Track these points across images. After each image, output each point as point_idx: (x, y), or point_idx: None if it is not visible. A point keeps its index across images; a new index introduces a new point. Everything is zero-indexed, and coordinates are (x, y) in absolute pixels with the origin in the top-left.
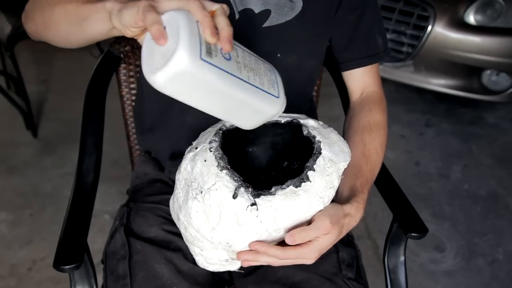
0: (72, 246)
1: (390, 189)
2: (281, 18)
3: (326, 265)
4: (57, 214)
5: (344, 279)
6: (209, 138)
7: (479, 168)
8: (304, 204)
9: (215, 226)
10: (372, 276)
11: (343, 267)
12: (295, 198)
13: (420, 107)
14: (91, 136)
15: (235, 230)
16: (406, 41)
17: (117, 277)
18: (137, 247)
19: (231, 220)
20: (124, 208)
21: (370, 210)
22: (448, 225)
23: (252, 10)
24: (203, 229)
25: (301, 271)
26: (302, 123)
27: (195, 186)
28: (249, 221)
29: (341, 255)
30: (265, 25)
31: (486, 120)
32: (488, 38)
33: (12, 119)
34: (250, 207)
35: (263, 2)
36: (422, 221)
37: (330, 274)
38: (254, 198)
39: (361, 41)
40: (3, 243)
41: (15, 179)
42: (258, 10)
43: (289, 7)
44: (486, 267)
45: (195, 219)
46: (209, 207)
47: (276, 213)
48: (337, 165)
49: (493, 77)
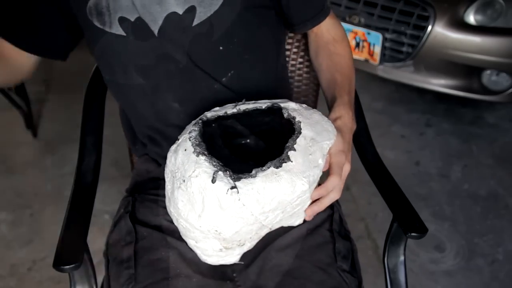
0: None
1: (390, 189)
2: (208, 10)
3: (322, 254)
4: (57, 214)
5: (338, 270)
6: (190, 129)
7: (479, 168)
8: (287, 185)
9: (201, 214)
10: (372, 276)
11: (338, 258)
12: (277, 179)
13: (420, 107)
14: (91, 136)
15: (220, 215)
16: (406, 41)
17: (121, 261)
18: (143, 233)
19: (214, 205)
20: (129, 198)
21: (370, 210)
22: (448, 225)
23: (176, 12)
24: (190, 218)
25: (296, 259)
26: (282, 107)
27: (178, 176)
28: (231, 205)
29: (337, 246)
30: (195, 23)
31: (486, 120)
32: (488, 38)
33: (12, 119)
34: (230, 191)
35: (183, 0)
36: (422, 221)
37: (324, 264)
38: (234, 181)
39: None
40: (3, 243)
41: (15, 179)
42: (182, 10)
43: None
44: (486, 267)
45: (182, 209)
46: (192, 195)
47: (259, 196)
48: (320, 143)
49: (493, 77)
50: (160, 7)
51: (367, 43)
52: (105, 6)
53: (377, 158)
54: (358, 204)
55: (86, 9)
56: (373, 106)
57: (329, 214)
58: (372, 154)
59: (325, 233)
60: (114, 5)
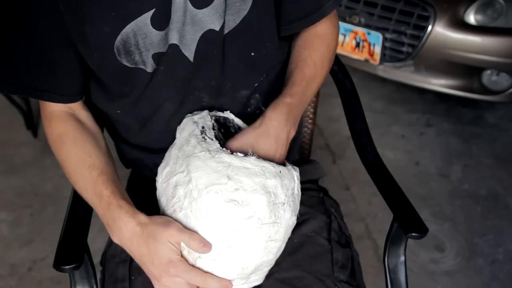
0: (72, 246)
1: (390, 189)
2: (237, 17)
3: (320, 265)
4: (57, 214)
5: (335, 281)
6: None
7: (479, 168)
8: None
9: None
10: (372, 276)
11: (335, 268)
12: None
13: (420, 107)
14: None
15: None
16: (406, 41)
17: (116, 279)
18: None
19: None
20: None
21: (370, 210)
22: (448, 225)
23: (213, 29)
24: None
25: (295, 268)
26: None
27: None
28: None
29: (335, 256)
30: (226, 31)
31: (486, 120)
32: (488, 38)
33: (12, 119)
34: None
35: (217, 14)
36: (422, 221)
37: (322, 275)
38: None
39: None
40: (3, 243)
41: (15, 179)
42: (219, 25)
43: (240, 1)
44: (486, 267)
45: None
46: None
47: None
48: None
49: (493, 77)
50: (193, 28)
51: (367, 43)
52: (133, 44)
53: (377, 158)
54: (358, 204)
55: (114, 50)
56: (373, 106)
57: (326, 222)
58: (372, 154)
59: (323, 243)
60: (144, 43)
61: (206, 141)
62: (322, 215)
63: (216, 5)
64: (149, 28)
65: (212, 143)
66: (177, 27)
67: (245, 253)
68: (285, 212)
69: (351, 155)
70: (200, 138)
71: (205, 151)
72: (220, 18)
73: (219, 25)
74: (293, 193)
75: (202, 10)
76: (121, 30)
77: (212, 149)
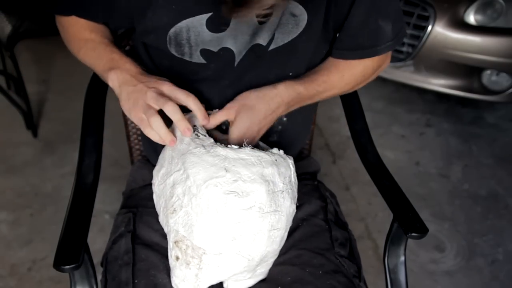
0: (72, 246)
1: (390, 189)
2: (286, 37)
3: (319, 241)
4: (57, 214)
5: (336, 255)
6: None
7: (479, 168)
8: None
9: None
10: (372, 276)
11: (335, 244)
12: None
13: (420, 107)
14: (91, 136)
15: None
16: (406, 41)
17: (119, 282)
18: (141, 255)
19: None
20: (129, 214)
21: (370, 210)
22: (448, 225)
23: (260, 44)
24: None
25: (293, 248)
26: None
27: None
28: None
29: (334, 233)
30: (272, 47)
31: (486, 120)
32: (488, 38)
33: (12, 119)
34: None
35: (269, 31)
36: (422, 221)
37: (322, 250)
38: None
39: (355, 30)
40: (3, 243)
41: (15, 179)
42: (266, 42)
43: (293, 23)
44: (486, 267)
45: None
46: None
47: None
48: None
49: (493, 77)
50: (250, 39)
51: None
52: (185, 38)
53: (377, 158)
54: (358, 204)
55: (166, 38)
56: (373, 106)
57: (322, 205)
58: (372, 154)
59: (320, 223)
60: (196, 39)
61: (199, 137)
62: (317, 199)
63: (269, 24)
64: (203, 28)
65: (206, 139)
66: (234, 35)
67: (250, 244)
68: (284, 200)
69: (351, 155)
70: (193, 135)
71: (200, 147)
72: (269, 36)
73: (266, 41)
74: (290, 181)
75: (260, 25)
76: (177, 24)
77: (206, 144)
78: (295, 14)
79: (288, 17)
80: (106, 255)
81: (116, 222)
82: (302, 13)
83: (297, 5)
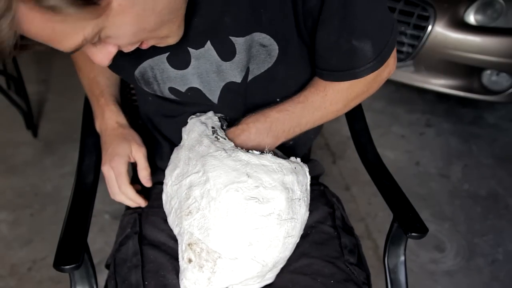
0: (72, 246)
1: (390, 189)
2: (261, 67)
3: (328, 249)
4: (57, 214)
5: (346, 263)
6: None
7: (479, 168)
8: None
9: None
10: (372, 276)
11: (345, 252)
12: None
13: (420, 107)
14: (91, 136)
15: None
16: (406, 41)
17: (130, 285)
18: (150, 256)
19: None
20: (135, 214)
21: (370, 210)
22: (448, 225)
23: (234, 82)
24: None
25: (304, 257)
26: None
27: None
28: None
29: (343, 241)
30: (250, 78)
31: (486, 120)
32: (488, 38)
33: (12, 119)
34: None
35: (238, 69)
36: (422, 221)
37: (332, 258)
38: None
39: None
40: (3, 243)
41: (15, 179)
42: (240, 78)
43: (265, 53)
44: (486, 267)
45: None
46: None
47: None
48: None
49: (493, 77)
50: (218, 77)
51: None
52: (151, 77)
53: (377, 158)
54: (358, 204)
55: (134, 78)
56: (373, 106)
57: (329, 212)
58: (372, 154)
59: (329, 230)
60: (162, 76)
61: (219, 140)
62: (324, 205)
63: (238, 61)
64: (166, 65)
65: (226, 142)
66: (199, 73)
67: (265, 250)
68: (300, 207)
69: (351, 155)
70: (213, 138)
71: (221, 150)
72: (241, 72)
73: (240, 78)
74: (306, 189)
75: (226, 62)
76: (140, 65)
77: (227, 148)
78: (264, 45)
79: (258, 48)
80: (114, 257)
81: (122, 223)
82: (271, 43)
83: (265, 36)
